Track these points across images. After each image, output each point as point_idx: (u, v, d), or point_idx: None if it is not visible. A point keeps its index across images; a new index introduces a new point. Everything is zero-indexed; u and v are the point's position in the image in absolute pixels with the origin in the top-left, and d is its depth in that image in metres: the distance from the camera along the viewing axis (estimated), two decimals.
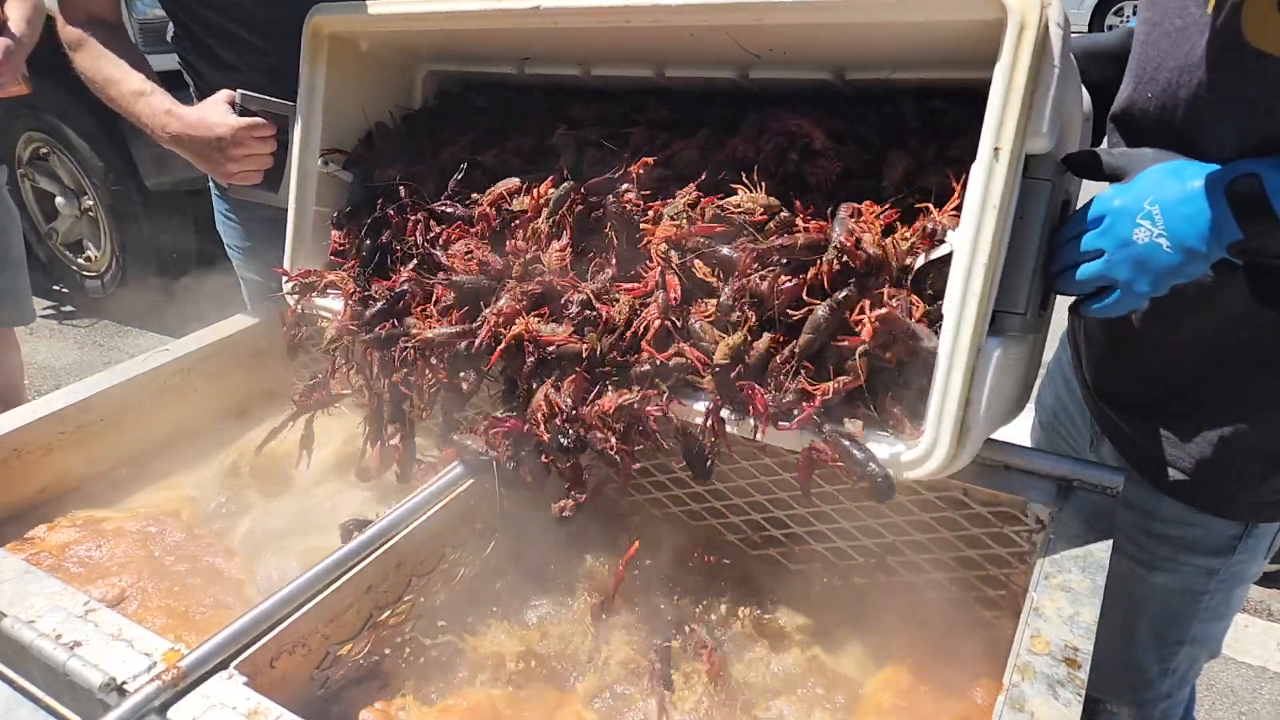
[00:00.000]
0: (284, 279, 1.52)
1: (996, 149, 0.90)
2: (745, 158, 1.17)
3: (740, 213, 1.09)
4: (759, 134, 1.18)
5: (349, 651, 1.06)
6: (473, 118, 1.54)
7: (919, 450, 0.96)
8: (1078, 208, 1.00)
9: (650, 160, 1.20)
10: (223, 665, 0.88)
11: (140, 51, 1.74)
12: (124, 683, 0.86)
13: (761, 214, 1.09)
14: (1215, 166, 0.87)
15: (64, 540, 1.28)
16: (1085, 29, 9.79)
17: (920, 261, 0.99)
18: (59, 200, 4.43)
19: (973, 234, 0.92)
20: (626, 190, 1.19)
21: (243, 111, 1.56)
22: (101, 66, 1.68)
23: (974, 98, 0.96)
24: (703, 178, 1.17)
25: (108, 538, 1.28)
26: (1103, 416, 1.32)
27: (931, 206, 1.01)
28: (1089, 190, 1.14)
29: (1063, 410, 1.47)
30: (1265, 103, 0.90)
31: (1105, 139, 1.17)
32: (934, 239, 0.98)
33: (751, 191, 1.10)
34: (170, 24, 1.87)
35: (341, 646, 1.04)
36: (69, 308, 4.74)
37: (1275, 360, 1.09)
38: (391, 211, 1.40)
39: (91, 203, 4.31)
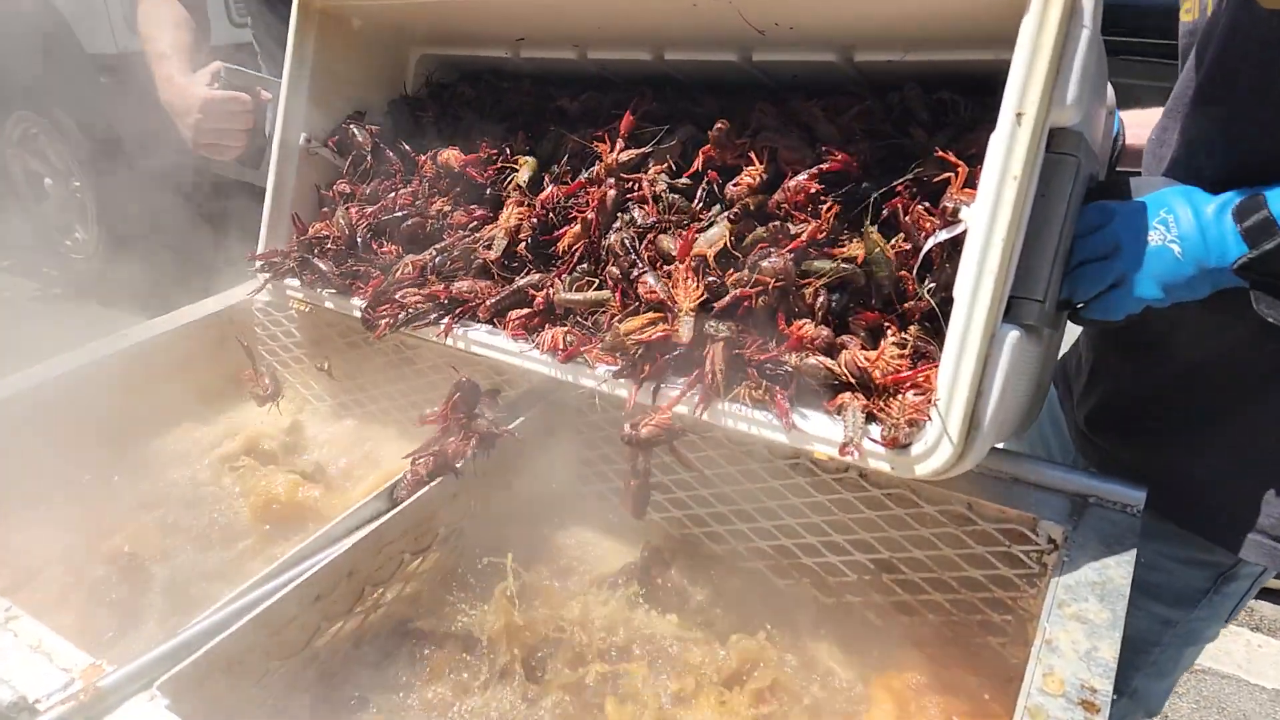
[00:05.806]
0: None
1: (1019, 114, 0.81)
2: (723, 164, 1.10)
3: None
4: (737, 135, 1.11)
5: (290, 668, 0.97)
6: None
7: (922, 444, 0.87)
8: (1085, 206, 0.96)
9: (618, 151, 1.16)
10: (146, 686, 0.80)
11: (204, 17, 1.71)
12: (36, 701, 0.78)
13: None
14: (1225, 196, 0.93)
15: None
16: None
17: (932, 242, 0.91)
18: (47, 181, 4.35)
19: (991, 206, 0.83)
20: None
21: (226, 86, 1.49)
22: (148, 21, 1.67)
23: (985, 89, 0.88)
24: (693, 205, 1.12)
25: (47, 529, 1.20)
26: (1086, 443, 1.27)
27: (957, 177, 0.92)
28: None
29: (1041, 444, 1.45)
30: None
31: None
32: (948, 217, 0.90)
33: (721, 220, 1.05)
34: None
35: (283, 664, 0.95)
36: (56, 290, 4.66)
37: None
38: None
39: (80, 184, 4.23)
